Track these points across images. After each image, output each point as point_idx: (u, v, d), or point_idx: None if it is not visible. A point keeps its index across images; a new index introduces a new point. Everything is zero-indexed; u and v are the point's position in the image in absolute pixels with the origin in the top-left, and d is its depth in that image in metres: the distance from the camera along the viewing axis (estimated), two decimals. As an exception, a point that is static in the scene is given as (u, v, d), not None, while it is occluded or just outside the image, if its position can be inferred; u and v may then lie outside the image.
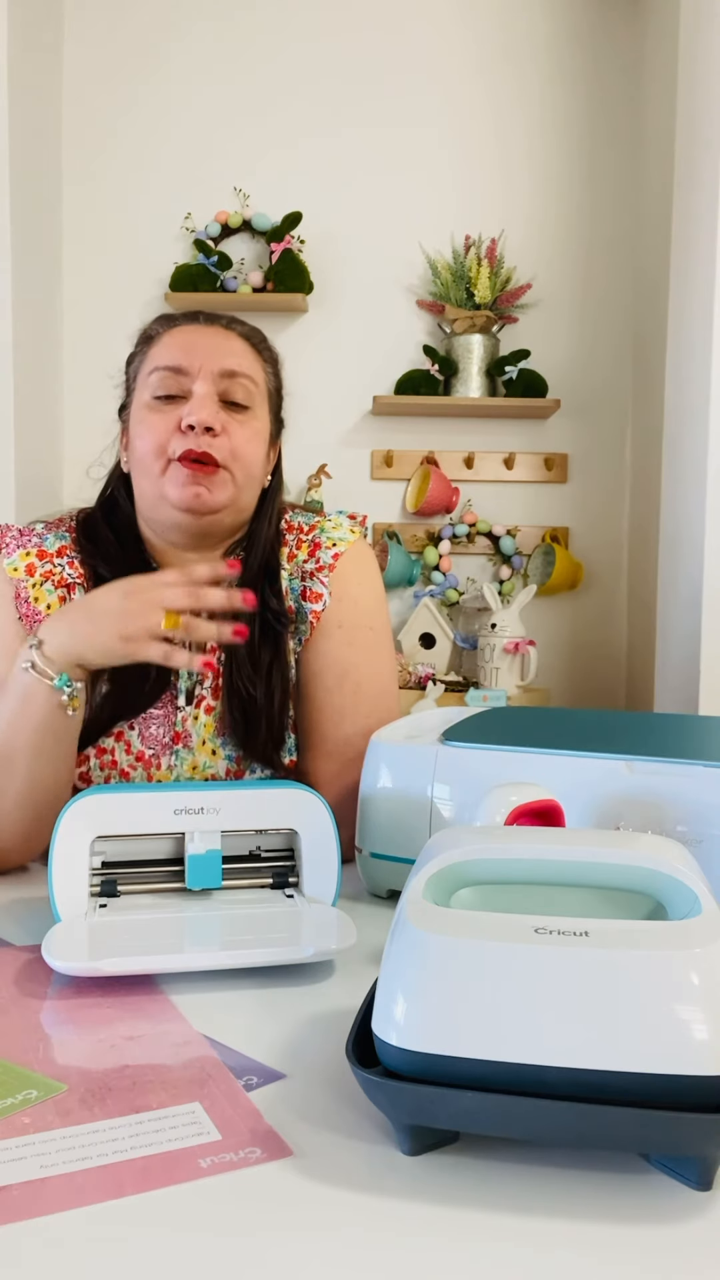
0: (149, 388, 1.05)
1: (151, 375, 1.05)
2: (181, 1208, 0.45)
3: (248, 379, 1.06)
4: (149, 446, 1.03)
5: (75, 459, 2.81)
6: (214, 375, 1.04)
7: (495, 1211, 0.45)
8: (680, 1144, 0.46)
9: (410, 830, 0.87)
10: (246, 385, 1.06)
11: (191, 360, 1.04)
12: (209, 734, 1.08)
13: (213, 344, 1.06)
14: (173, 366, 1.04)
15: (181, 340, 1.06)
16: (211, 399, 1.03)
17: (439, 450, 2.92)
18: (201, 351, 1.05)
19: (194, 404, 1.02)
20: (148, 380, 1.05)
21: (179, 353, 1.05)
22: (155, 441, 1.02)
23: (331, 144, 2.88)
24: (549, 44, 2.87)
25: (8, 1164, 0.48)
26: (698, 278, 2.15)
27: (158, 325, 1.10)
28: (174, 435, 1.02)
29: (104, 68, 2.88)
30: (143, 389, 1.06)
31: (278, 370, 1.14)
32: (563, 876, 0.55)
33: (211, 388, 1.03)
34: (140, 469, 1.05)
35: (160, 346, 1.07)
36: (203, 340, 1.06)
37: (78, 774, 1.07)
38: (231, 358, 1.05)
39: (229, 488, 1.03)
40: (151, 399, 1.04)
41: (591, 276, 2.91)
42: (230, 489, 1.04)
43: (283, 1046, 0.61)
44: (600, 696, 2.95)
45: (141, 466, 1.04)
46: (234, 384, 1.05)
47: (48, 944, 0.70)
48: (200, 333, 1.08)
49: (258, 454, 1.07)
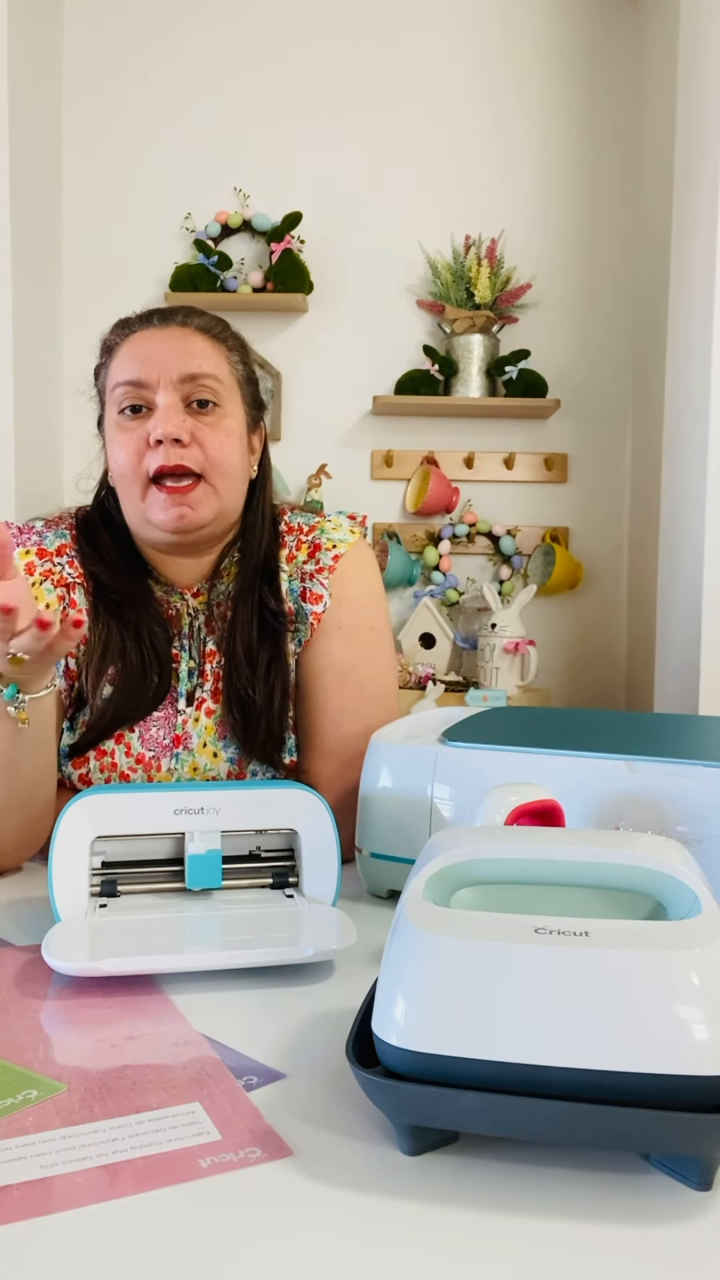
0: (114, 403, 1.04)
1: (115, 391, 1.03)
2: (181, 1208, 0.45)
3: (210, 378, 1.03)
4: (124, 467, 1.02)
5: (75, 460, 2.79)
6: (174, 383, 1.01)
7: (495, 1211, 0.45)
8: (680, 1144, 0.46)
9: (410, 830, 0.87)
10: (209, 384, 1.03)
11: (149, 371, 1.01)
12: (209, 736, 1.08)
13: (170, 349, 1.03)
14: (132, 381, 1.02)
15: (138, 350, 1.04)
16: (176, 408, 1.01)
17: (439, 450, 2.91)
18: (158, 359, 1.02)
19: (158, 417, 1.00)
20: (113, 395, 1.04)
21: (137, 365, 1.02)
22: (128, 461, 1.01)
23: (332, 144, 2.88)
24: (549, 44, 2.87)
25: (8, 1164, 0.48)
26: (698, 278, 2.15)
27: (115, 335, 1.08)
28: (145, 451, 1.01)
29: (104, 68, 2.88)
30: (110, 404, 1.05)
31: (245, 356, 1.11)
32: (563, 876, 0.55)
33: (174, 396, 1.01)
34: (122, 490, 1.04)
35: (119, 359, 1.05)
36: (158, 347, 1.03)
37: (78, 775, 1.07)
38: (190, 359, 1.03)
39: (212, 500, 1.02)
40: (118, 415, 1.03)
41: (591, 276, 2.91)
42: (213, 501, 1.03)
43: (283, 1046, 0.61)
44: (600, 696, 2.95)
45: (123, 487, 1.04)
46: (196, 386, 1.02)
47: (48, 944, 0.70)
48: (155, 338, 1.05)
49: (234, 454, 1.05)
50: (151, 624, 1.06)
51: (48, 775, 0.96)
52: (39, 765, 0.94)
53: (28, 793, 0.94)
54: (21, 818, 0.94)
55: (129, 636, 1.05)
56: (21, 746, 0.91)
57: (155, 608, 1.08)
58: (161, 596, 1.10)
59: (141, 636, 1.05)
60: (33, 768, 0.93)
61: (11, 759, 0.91)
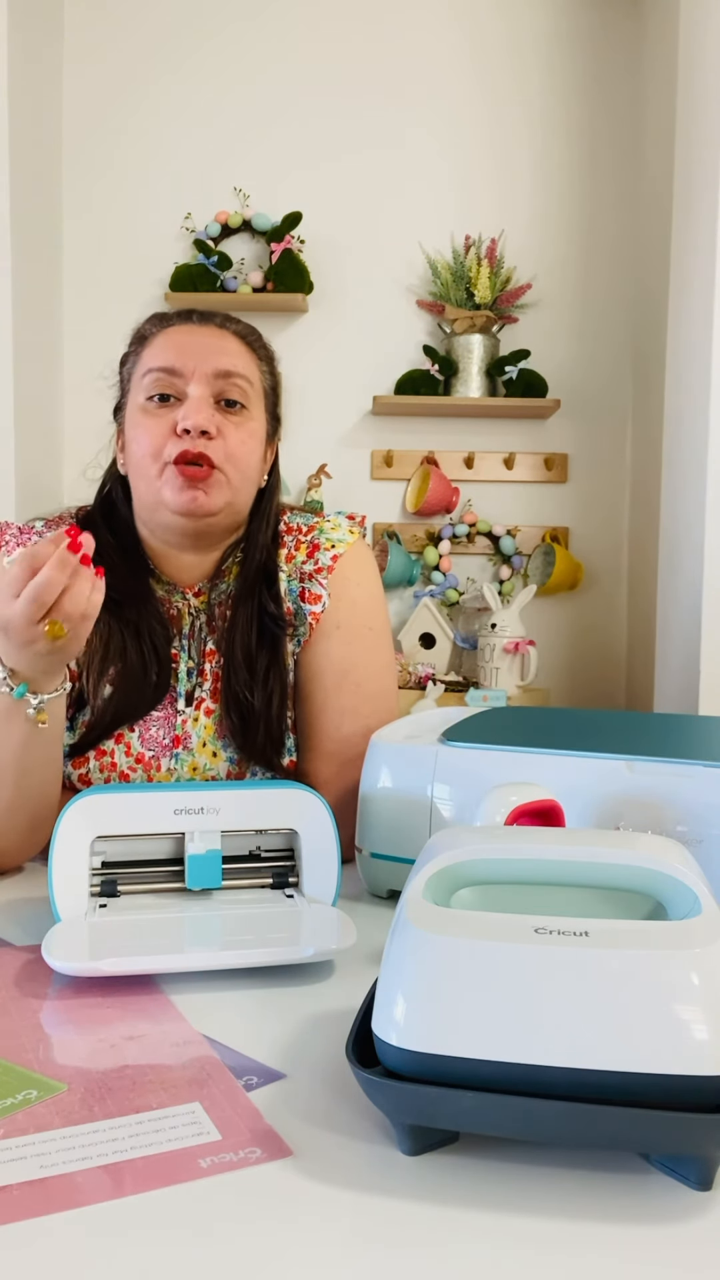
0: (143, 389, 1.04)
1: (146, 377, 1.04)
2: (181, 1208, 0.45)
3: (243, 378, 1.05)
4: (145, 450, 1.03)
5: (75, 459, 2.81)
6: (208, 376, 1.03)
7: (495, 1211, 0.45)
8: (680, 1144, 0.46)
9: (410, 830, 0.87)
10: (241, 385, 1.05)
11: (185, 361, 1.03)
12: (209, 736, 1.08)
13: (207, 344, 1.06)
14: (167, 368, 1.03)
15: (175, 341, 1.06)
16: (206, 401, 1.03)
17: (439, 450, 2.91)
18: (196, 352, 1.04)
19: (189, 407, 1.02)
20: (142, 382, 1.05)
21: (173, 353, 1.04)
22: (151, 445, 1.02)
23: (332, 144, 2.88)
24: (549, 43, 2.87)
25: (8, 1164, 0.48)
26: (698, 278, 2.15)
27: (151, 325, 1.10)
28: (169, 439, 1.02)
29: (104, 68, 2.88)
30: (137, 390, 1.06)
31: (273, 368, 1.13)
32: (563, 876, 0.55)
33: (206, 389, 1.03)
34: (137, 472, 1.05)
35: (154, 347, 1.06)
36: (197, 340, 1.06)
37: (77, 775, 1.07)
38: (226, 357, 1.05)
39: (225, 491, 1.03)
40: (146, 401, 1.04)
41: (591, 276, 2.91)
42: (226, 492, 1.03)
43: (283, 1046, 0.61)
44: (600, 696, 2.95)
45: (138, 470, 1.04)
46: (229, 384, 1.04)
47: (48, 944, 0.70)
48: (194, 332, 1.07)
49: (253, 455, 1.07)
50: (152, 622, 1.06)
51: (54, 776, 0.96)
52: (48, 767, 0.94)
53: (36, 793, 0.94)
54: (27, 818, 0.94)
55: (129, 635, 1.05)
56: (34, 748, 0.91)
57: (155, 606, 1.08)
58: (163, 596, 1.10)
59: (141, 634, 1.06)
60: (42, 769, 0.93)
61: (23, 760, 0.91)
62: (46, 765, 0.94)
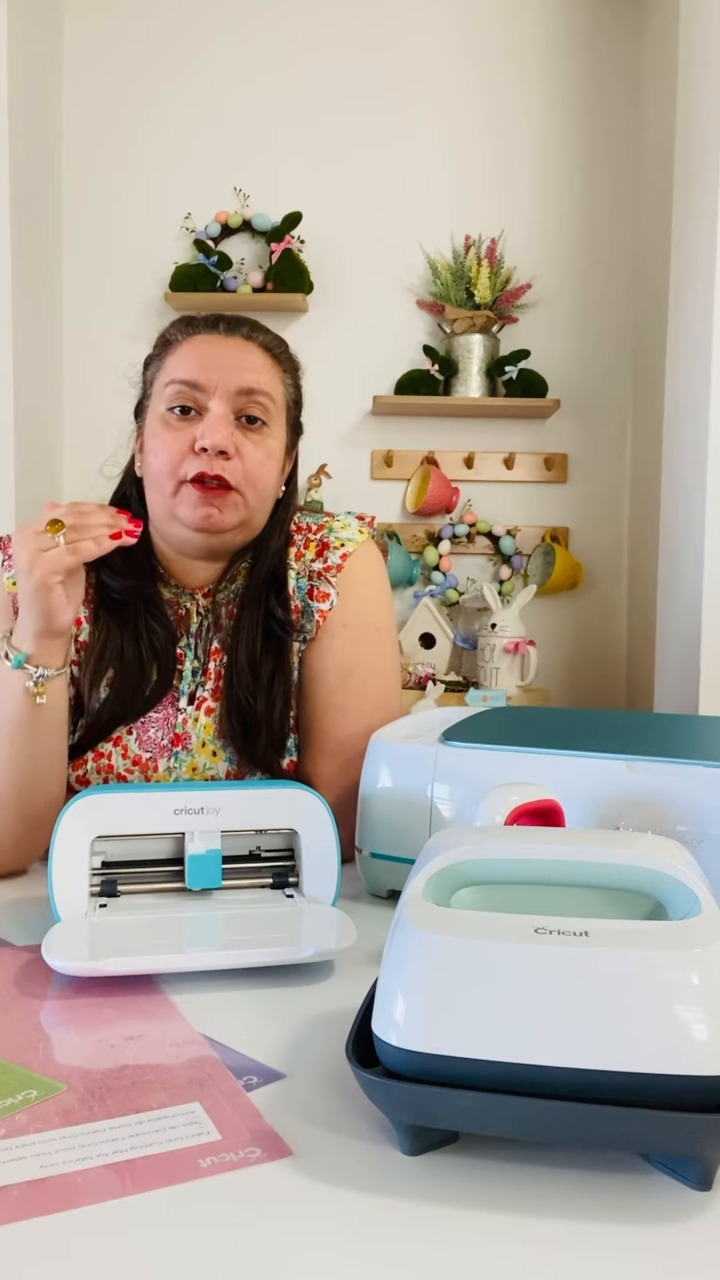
0: (165, 399, 1.03)
1: (168, 387, 1.03)
2: (181, 1208, 0.45)
3: (265, 395, 1.03)
4: (162, 465, 1.01)
5: (75, 459, 2.81)
6: (230, 394, 1.01)
7: (495, 1211, 0.45)
8: (680, 1144, 0.46)
9: (410, 830, 0.87)
10: (264, 402, 1.03)
11: (209, 376, 1.01)
12: (209, 735, 1.08)
13: (231, 358, 1.03)
14: (189, 381, 1.01)
15: (200, 352, 1.03)
16: (226, 420, 1.01)
17: (439, 450, 2.91)
18: (219, 367, 1.02)
19: (208, 425, 1.00)
20: (164, 391, 1.03)
21: (196, 367, 1.02)
22: (169, 460, 1.01)
23: (331, 144, 2.88)
24: (549, 44, 2.87)
25: (8, 1164, 0.48)
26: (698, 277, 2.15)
27: (176, 330, 1.07)
28: (187, 456, 1.00)
29: (104, 68, 2.88)
30: (158, 399, 1.04)
31: (297, 380, 1.11)
32: (563, 876, 0.55)
33: (227, 407, 1.01)
34: (153, 485, 1.04)
35: (178, 356, 1.04)
36: (221, 353, 1.03)
37: (75, 777, 1.06)
38: (250, 373, 1.03)
39: (241, 510, 1.02)
40: (166, 412, 1.02)
41: (591, 276, 2.91)
42: (242, 511, 1.03)
43: (283, 1046, 0.61)
44: (600, 696, 2.95)
45: (155, 483, 1.03)
46: (251, 401, 1.02)
47: (48, 944, 0.70)
48: (219, 344, 1.04)
49: (271, 474, 1.05)
50: (151, 622, 1.06)
51: (54, 770, 0.96)
52: (48, 758, 0.94)
53: (30, 781, 0.94)
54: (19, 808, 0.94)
55: (127, 635, 1.05)
56: (35, 729, 0.91)
57: (158, 608, 1.08)
58: (170, 598, 1.10)
59: (140, 633, 1.05)
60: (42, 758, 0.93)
61: (19, 739, 0.91)
62: (47, 755, 0.94)
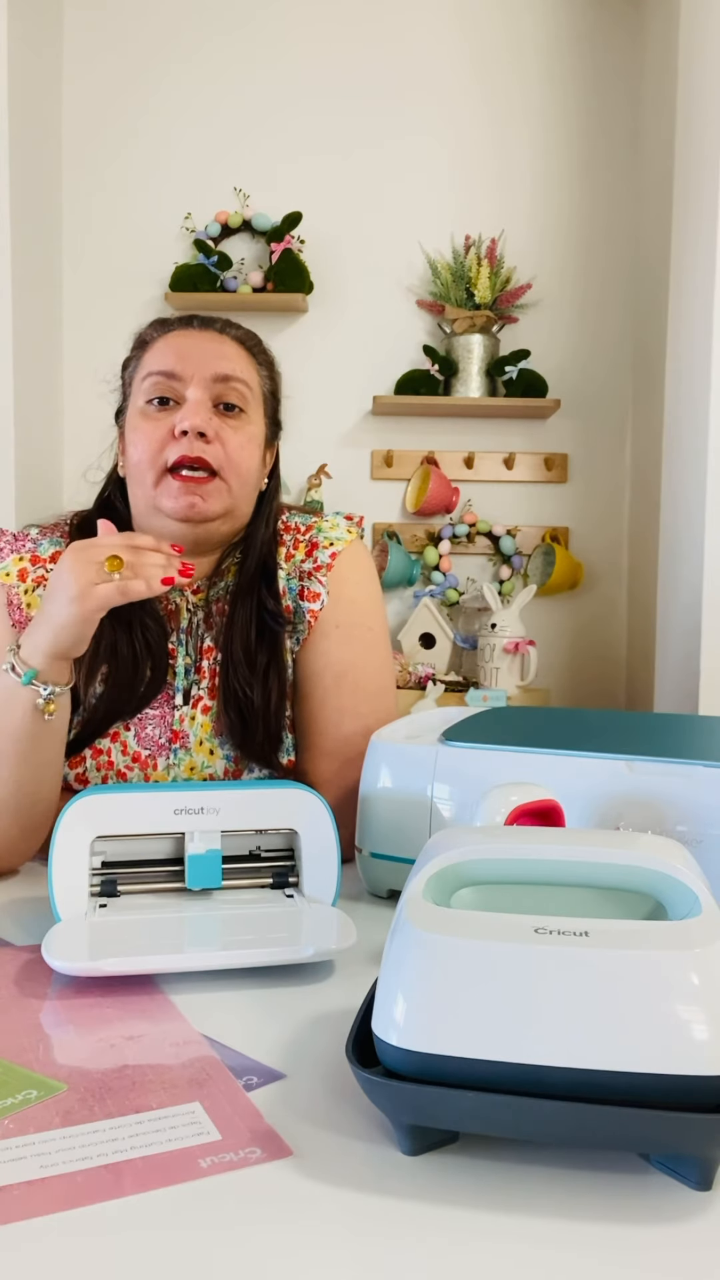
0: (143, 393, 1.05)
1: (145, 380, 1.05)
2: (181, 1208, 0.45)
3: (241, 383, 1.06)
4: (143, 454, 1.03)
5: (75, 460, 2.81)
6: (207, 380, 1.04)
7: (495, 1211, 0.45)
8: (680, 1144, 0.46)
9: (410, 830, 0.87)
10: (240, 389, 1.06)
11: (185, 365, 1.04)
12: (206, 734, 1.08)
13: (206, 349, 1.06)
14: (166, 371, 1.04)
15: (175, 345, 1.07)
16: (205, 405, 1.03)
17: (439, 450, 2.91)
18: (195, 357, 1.05)
19: (187, 409, 1.02)
20: (142, 385, 1.06)
21: (172, 358, 1.05)
22: (149, 449, 1.03)
23: (332, 144, 2.88)
24: (549, 44, 2.87)
25: (8, 1164, 0.48)
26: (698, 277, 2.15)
27: (152, 330, 1.11)
28: (168, 442, 1.02)
29: (104, 67, 2.88)
30: (137, 394, 1.06)
31: (273, 373, 1.14)
32: (563, 876, 0.55)
33: (205, 393, 1.04)
34: (135, 477, 1.05)
35: (154, 352, 1.07)
36: (196, 345, 1.07)
37: (74, 775, 1.07)
38: (225, 362, 1.06)
39: (224, 496, 1.04)
40: (145, 404, 1.05)
41: (591, 276, 2.91)
42: (226, 498, 1.04)
43: (283, 1046, 0.61)
44: (600, 696, 2.95)
45: (136, 475, 1.05)
46: (227, 388, 1.05)
47: (48, 944, 0.70)
48: (194, 337, 1.08)
49: (252, 459, 1.07)
50: (145, 618, 1.06)
51: (51, 781, 0.96)
52: (47, 768, 0.94)
53: (31, 790, 0.94)
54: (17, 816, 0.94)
55: (121, 631, 1.05)
56: (36, 741, 0.91)
57: (149, 603, 1.08)
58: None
59: (134, 629, 1.06)
60: (41, 770, 0.93)
61: (21, 750, 0.91)
62: (47, 766, 0.94)
